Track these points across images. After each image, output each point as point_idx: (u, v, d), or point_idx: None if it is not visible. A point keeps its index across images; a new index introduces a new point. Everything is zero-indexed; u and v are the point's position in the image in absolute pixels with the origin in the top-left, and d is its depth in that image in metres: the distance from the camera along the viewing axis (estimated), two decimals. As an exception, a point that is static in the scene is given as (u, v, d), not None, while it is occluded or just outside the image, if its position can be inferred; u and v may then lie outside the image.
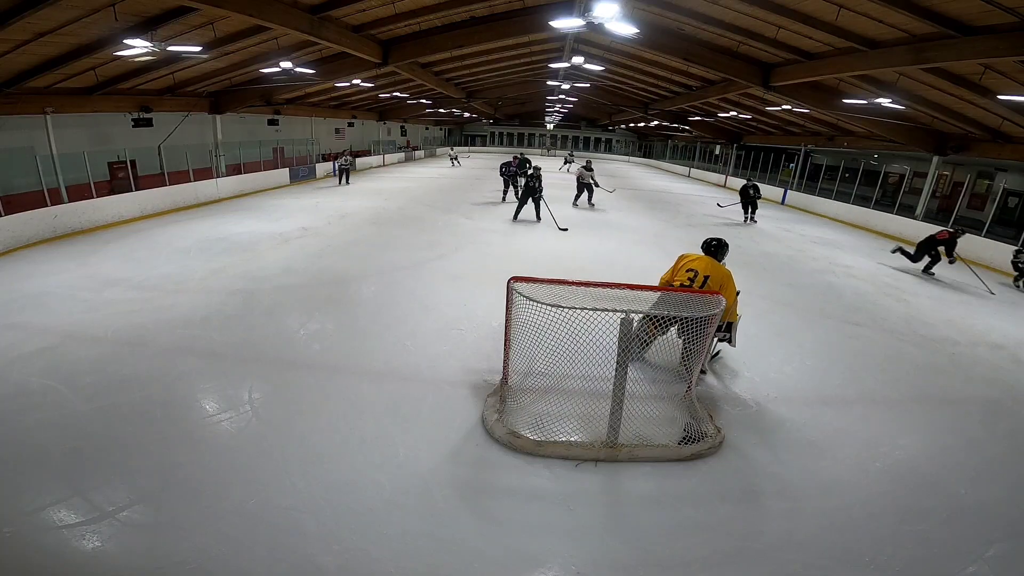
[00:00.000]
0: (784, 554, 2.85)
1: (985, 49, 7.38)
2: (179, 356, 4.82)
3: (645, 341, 4.58)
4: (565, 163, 28.20)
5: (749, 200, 14.01)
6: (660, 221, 13.89)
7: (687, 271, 4.56)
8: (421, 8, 10.76)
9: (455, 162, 28.60)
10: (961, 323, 6.82)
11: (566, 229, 11.29)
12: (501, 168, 15.42)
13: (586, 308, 3.46)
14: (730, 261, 5.03)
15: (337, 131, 25.85)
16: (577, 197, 15.15)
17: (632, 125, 35.62)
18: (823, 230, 14.27)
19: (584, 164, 15.71)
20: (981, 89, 9.59)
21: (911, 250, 9.65)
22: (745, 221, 14.04)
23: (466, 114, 35.53)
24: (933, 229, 12.46)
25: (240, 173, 15.55)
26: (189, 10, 8.22)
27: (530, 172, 12.31)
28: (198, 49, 9.22)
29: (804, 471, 3.54)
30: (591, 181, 14.81)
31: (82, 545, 2.71)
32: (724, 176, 25.65)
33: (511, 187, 15.19)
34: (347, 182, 18.38)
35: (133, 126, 13.07)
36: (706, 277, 4.46)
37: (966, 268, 9.10)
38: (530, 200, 12.04)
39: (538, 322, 3.65)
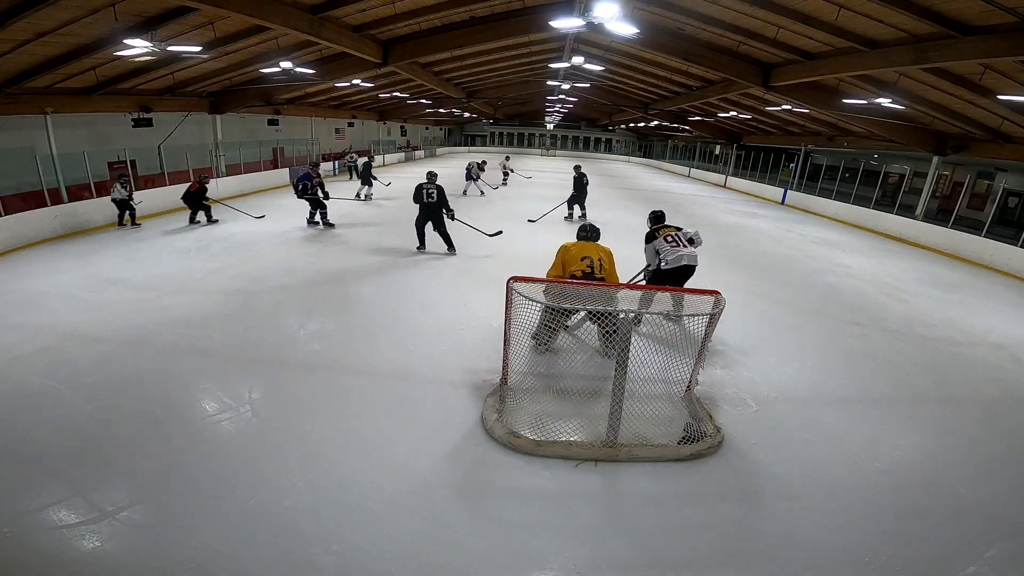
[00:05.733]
0: (784, 554, 2.85)
1: (985, 49, 7.38)
2: (179, 356, 4.82)
3: (553, 330, 4.74)
4: (504, 176, 19.83)
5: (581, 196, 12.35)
6: (660, 221, 13.85)
7: (582, 259, 4.71)
8: (421, 8, 10.76)
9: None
10: (961, 323, 6.82)
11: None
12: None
13: (586, 308, 3.47)
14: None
15: (337, 131, 25.86)
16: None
17: (632, 125, 35.63)
18: (823, 230, 14.26)
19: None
20: (981, 89, 9.58)
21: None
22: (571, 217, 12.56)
23: (466, 114, 35.53)
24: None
25: (240, 173, 15.55)
26: (189, 10, 8.22)
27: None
28: (198, 49, 9.22)
29: (804, 471, 3.54)
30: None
31: (82, 545, 2.71)
32: (724, 176, 25.66)
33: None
34: (133, 223, 10.43)
35: (133, 126, 13.08)
36: (600, 259, 4.79)
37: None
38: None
39: (538, 322, 3.64)
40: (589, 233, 5.15)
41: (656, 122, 28.86)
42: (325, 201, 10.89)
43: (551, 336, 4.80)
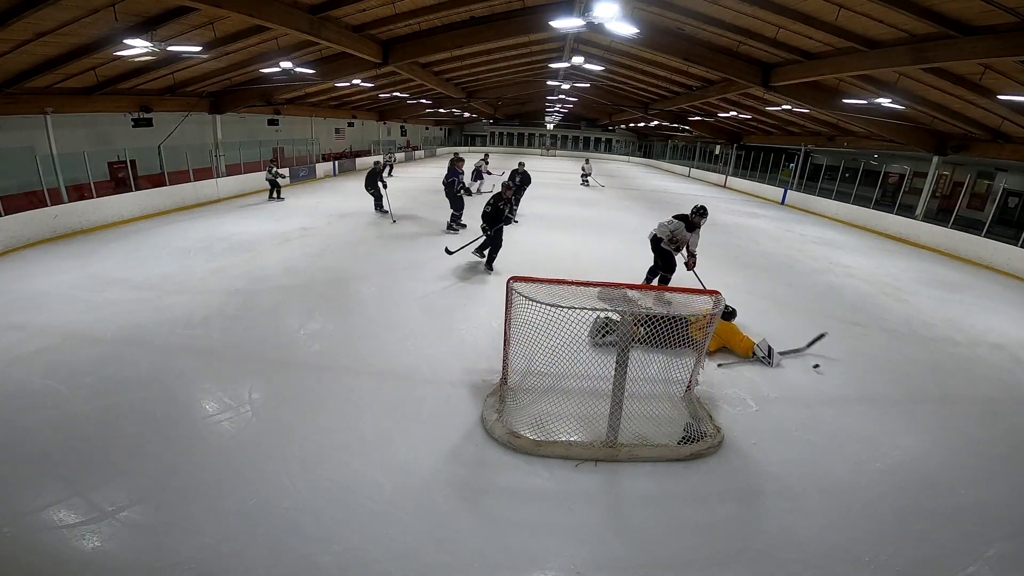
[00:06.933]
0: (784, 554, 2.85)
1: (985, 49, 7.37)
2: (179, 356, 4.82)
3: (609, 330, 4.98)
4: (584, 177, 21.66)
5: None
6: (660, 221, 13.86)
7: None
8: (421, 8, 10.75)
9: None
10: (961, 323, 6.82)
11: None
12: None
13: (586, 308, 3.46)
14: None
15: (337, 131, 25.85)
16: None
17: (632, 125, 35.62)
18: (823, 230, 14.26)
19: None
20: (981, 89, 9.58)
21: None
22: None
23: (466, 114, 35.52)
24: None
25: (240, 173, 15.55)
26: (189, 10, 8.21)
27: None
28: (198, 49, 9.22)
29: (804, 471, 3.54)
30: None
31: (82, 545, 2.71)
32: (724, 176, 25.66)
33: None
34: (279, 197, 14.34)
35: (133, 126, 13.07)
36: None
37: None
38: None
39: (538, 322, 3.65)
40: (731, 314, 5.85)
41: (656, 122, 28.85)
42: (465, 199, 10.74)
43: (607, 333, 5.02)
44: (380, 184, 12.08)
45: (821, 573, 2.74)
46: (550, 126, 42.79)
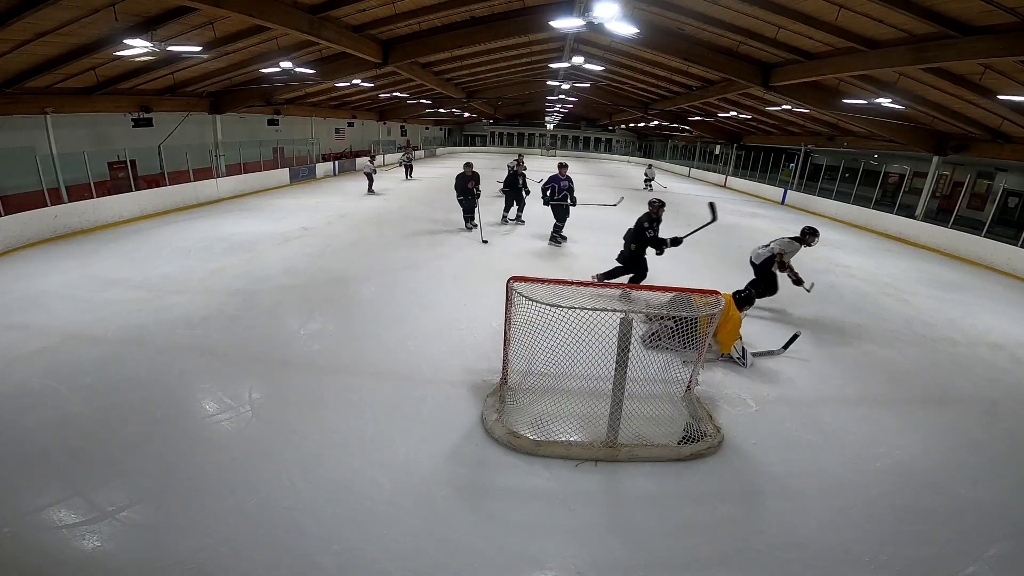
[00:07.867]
0: (784, 554, 2.85)
1: (985, 49, 7.38)
2: (179, 356, 4.82)
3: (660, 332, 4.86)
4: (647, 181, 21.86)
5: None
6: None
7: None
8: (421, 8, 10.76)
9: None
10: (961, 323, 6.82)
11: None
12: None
13: (586, 308, 3.46)
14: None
15: (337, 131, 25.85)
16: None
17: (632, 125, 35.61)
18: (823, 230, 14.14)
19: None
20: (981, 89, 9.58)
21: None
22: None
23: (466, 114, 35.52)
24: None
25: (240, 173, 15.56)
26: (189, 10, 8.22)
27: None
28: (198, 49, 9.22)
29: (804, 471, 3.54)
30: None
31: (82, 545, 2.71)
32: (724, 176, 25.66)
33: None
34: (411, 176, 20.88)
35: (133, 126, 13.08)
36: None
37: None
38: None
39: (538, 322, 3.65)
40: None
41: (656, 122, 28.85)
42: (572, 208, 9.42)
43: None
44: (475, 191, 10.16)
45: (821, 573, 2.74)
46: (550, 126, 42.79)
